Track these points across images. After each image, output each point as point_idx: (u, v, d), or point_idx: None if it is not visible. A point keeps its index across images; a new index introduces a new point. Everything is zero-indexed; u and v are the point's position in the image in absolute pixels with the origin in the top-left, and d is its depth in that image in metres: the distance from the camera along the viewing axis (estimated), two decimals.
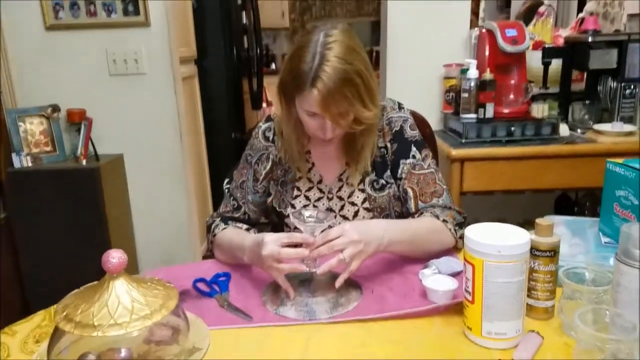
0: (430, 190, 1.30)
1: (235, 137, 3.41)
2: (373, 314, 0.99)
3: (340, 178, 1.34)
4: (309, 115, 1.17)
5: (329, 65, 1.09)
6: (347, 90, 1.10)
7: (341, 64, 1.09)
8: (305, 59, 1.11)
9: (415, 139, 1.33)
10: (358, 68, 1.12)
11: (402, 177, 1.31)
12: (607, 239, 1.16)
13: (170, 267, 1.24)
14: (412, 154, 1.31)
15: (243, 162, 1.39)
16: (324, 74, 1.09)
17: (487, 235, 0.86)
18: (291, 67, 1.14)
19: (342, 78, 1.09)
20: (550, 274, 0.94)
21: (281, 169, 1.35)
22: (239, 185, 1.37)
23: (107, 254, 0.64)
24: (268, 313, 1.01)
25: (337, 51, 1.10)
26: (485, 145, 2.11)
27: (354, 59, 1.12)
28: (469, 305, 0.89)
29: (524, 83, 2.19)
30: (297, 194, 1.33)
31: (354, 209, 1.32)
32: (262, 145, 1.36)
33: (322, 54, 1.10)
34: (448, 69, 2.42)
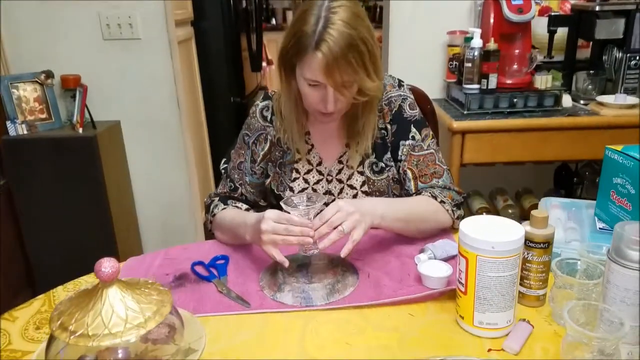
0: (429, 172, 1.30)
1: (234, 100, 3.38)
2: (369, 300, 1.01)
3: (340, 160, 1.32)
4: (311, 85, 1.13)
5: (334, 29, 1.06)
6: (351, 57, 1.07)
7: (347, 28, 1.06)
8: (309, 21, 1.08)
9: (415, 119, 1.31)
10: (363, 35, 1.08)
11: (402, 159, 1.30)
12: (603, 224, 1.17)
13: (169, 249, 1.24)
14: (412, 134, 1.30)
15: (240, 142, 1.36)
16: (330, 37, 1.06)
17: (481, 230, 0.86)
18: (294, 32, 1.11)
19: (347, 43, 1.06)
20: (544, 264, 0.95)
21: (279, 150, 1.33)
22: (237, 166, 1.36)
23: (99, 263, 0.64)
24: (266, 299, 1.03)
25: (343, 15, 1.07)
26: (486, 117, 2.09)
27: (359, 24, 1.09)
28: (462, 295, 0.91)
29: (528, 53, 2.15)
30: (295, 176, 1.32)
31: (353, 192, 1.32)
32: (259, 125, 1.33)
33: (327, 17, 1.07)
34: (452, 37, 2.37)
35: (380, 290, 1.04)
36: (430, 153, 1.31)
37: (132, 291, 0.67)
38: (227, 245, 1.26)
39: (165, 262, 1.19)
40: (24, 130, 2.31)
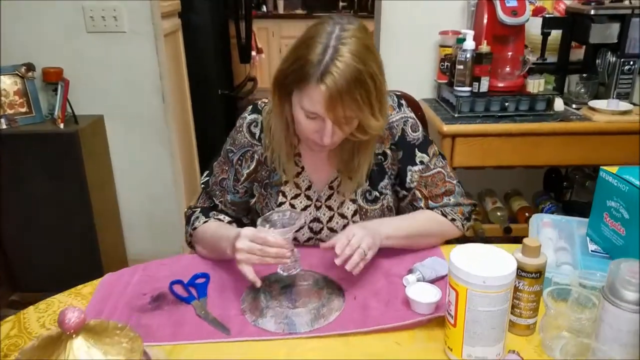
0: (440, 192, 1.25)
1: (222, 93, 3.31)
2: (354, 326, 0.97)
3: (330, 185, 1.24)
4: (308, 115, 1.04)
5: (343, 62, 0.97)
6: (357, 93, 0.99)
7: (356, 62, 0.97)
8: (316, 50, 0.98)
9: (419, 141, 1.24)
10: (373, 71, 1.00)
11: (411, 187, 1.25)
12: (595, 246, 1.14)
13: (148, 264, 1.20)
14: (419, 159, 1.24)
15: (224, 157, 1.27)
16: (336, 70, 0.96)
17: (472, 262, 0.83)
18: (296, 57, 1.01)
19: (355, 78, 0.97)
20: (535, 294, 0.92)
21: (266, 170, 1.23)
22: (219, 183, 1.27)
23: (63, 313, 0.59)
24: (247, 325, 0.99)
25: (353, 48, 0.98)
26: (477, 121, 2.05)
27: (369, 59, 1.00)
28: (451, 327, 0.87)
29: (521, 55, 2.11)
30: (282, 200, 1.23)
31: (343, 221, 1.24)
32: (246, 140, 1.23)
33: (335, 47, 0.97)
34: (444, 37, 2.32)
35: (366, 314, 1.01)
36: (438, 172, 1.25)
37: (100, 340, 0.62)
38: (208, 261, 1.21)
39: (143, 279, 1.14)
40: (3, 125, 2.24)
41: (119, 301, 1.06)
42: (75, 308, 0.60)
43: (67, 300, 1.08)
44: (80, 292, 1.10)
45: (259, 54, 5.65)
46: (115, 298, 1.07)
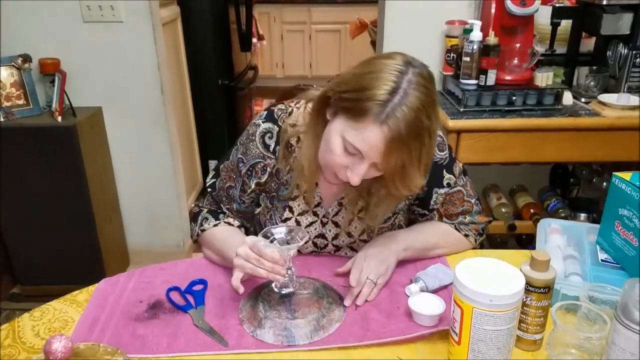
0: (457, 211, 1.22)
1: (222, 83, 3.26)
2: (354, 338, 0.95)
3: (340, 202, 1.17)
4: (347, 149, 0.95)
5: (410, 108, 0.89)
6: (413, 145, 0.92)
7: (422, 114, 0.91)
8: (384, 87, 0.90)
9: (447, 161, 1.17)
10: (433, 128, 0.94)
11: (434, 208, 1.21)
12: (605, 255, 1.10)
13: (144, 269, 1.17)
14: (446, 181, 1.18)
15: (233, 164, 1.18)
16: (402, 115, 0.89)
17: (478, 279, 0.79)
18: (359, 86, 0.92)
19: (417, 128, 0.91)
20: (542, 309, 0.89)
21: (276, 183, 1.16)
22: (225, 190, 1.19)
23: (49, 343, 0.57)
24: (245, 336, 0.96)
25: (423, 98, 0.91)
26: (483, 115, 2.00)
27: (432, 114, 0.93)
28: (455, 344, 0.84)
29: (529, 47, 2.06)
30: (287, 215, 1.16)
31: (350, 240, 1.20)
32: (258, 152, 1.13)
33: (406, 92, 0.90)
34: (450, 27, 2.26)
35: (367, 325, 0.98)
36: (458, 191, 1.20)
37: None
38: (206, 267, 1.18)
39: (139, 285, 1.11)
40: (1, 118, 2.20)
41: (114, 309, 1.04)
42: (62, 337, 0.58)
43: (62, 307, 1.05)
44: (76, 299, 1.08)
45: (260, 41, 5.57)
46: (111, 305, 1.05)
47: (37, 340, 0.96)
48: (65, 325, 0.99)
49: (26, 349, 0.93)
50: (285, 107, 1.14)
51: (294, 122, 1.11)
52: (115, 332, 0.97)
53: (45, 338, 0.96)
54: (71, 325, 0.99)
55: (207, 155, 3.34)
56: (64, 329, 0.98)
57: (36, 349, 0.93)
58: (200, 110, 3.22)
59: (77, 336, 0.95)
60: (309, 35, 5.73)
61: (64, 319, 1.02)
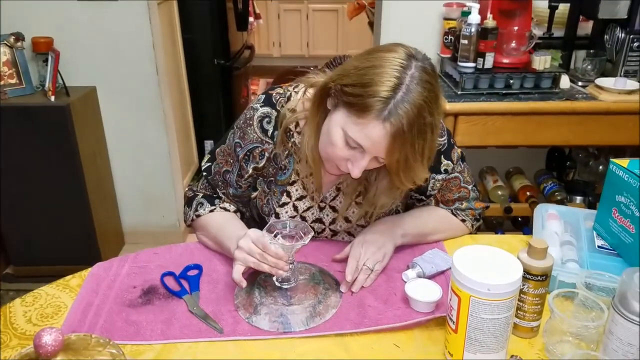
0: (453, 197, 1.22)
1: (218, 63, 3.22)
2: (351, 325, 0.94)
3: (338, 187, 1.16)
4: (348, 142, 0.94)
5: (414, 104, 0.88)
6: (416, 141, 0.91)
7: (425, 111, 0.90)
8: (387, 83, 0.88)
9: (445, 147, 1.15)
10: (436, 122, 0.93)
11: (431, 194, 1.21)
12: (602, 241, 1.10)
13: (138, 253, 1.16)
14: (444, 167, 1.16)
15: (230, 148, 1.14)
16: (404, 112, 0.88)
17: (476, 267, 0.79)
18: (362, 81, 0.90)
19: (419, 124, 0.90)
20: (540, 296, 0.89)
21: (273, 167, 1.14)
22: (222, 173, 1.17)
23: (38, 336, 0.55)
24: (240, 322, 0.95)
25: (426, 94, 0.90)
26: (481, 98, 1.99)
27: (435, 110, 0.92)
28: (452, 332, 0.84)
29: (527, 31, 2.03)
30: (285, 200, 1.15)
31: (347, 225, 1.19)
32: (256, 136, 1.11)
33: (409, 88, 0.89)
34: (448, 9, 2.23)
35: (364, 312, 0.97)
36: (454, 177, 1.19)
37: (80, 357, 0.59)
38: (201, 251, 1.17)
39: (133, 270, 1.10)
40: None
41: (108, 294, 1.03)
42: (52, 329, 0.56)
43: (55, 292, 1.04)
44: (69, 284, 1.06)
45: (257, 20, 5.50)
46: (104, 291, 1.04)
47: (29, 326, 0.95)
48: (57, 311, 0.99)
49: (18, 335, 0.93)
50: (283, 92, 1.12)
51: (293, 107, 1.09)
52: (109, 318, 0.96)
53: (37, 324, 0.96)
54: (64, 311, 0.98)
55: (202, 135, 3.32)
56: (57, 315, 0.98)
57: (28, 335, 0.92)
58: (195, 90, 3.19)
59: (70, 322, 0.95)
60: (306, 15, 5.66)
61: (57, 304, 1.01)
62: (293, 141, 1.11)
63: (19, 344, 0.91)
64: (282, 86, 1.14)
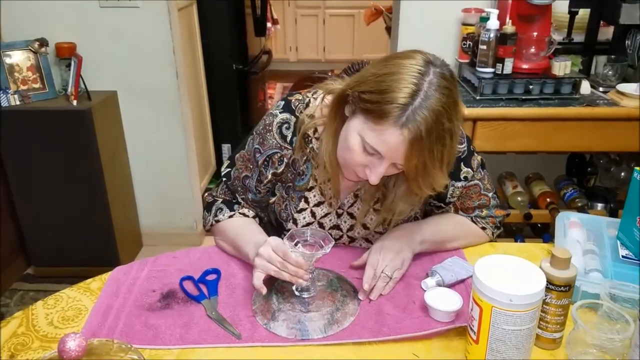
0: (473, 205, 1.20)
1: (236, 68, 3.24)
2: (369, 333, 0.94)
3: (356, 193, 1.15)
4: (366, 149, 0.94)
5: (432, 111, 0.88)
6: (434, 147, 0.91)
7: (443, 116, 0.89)
8: (404, 89, 0.88)
9: (465, 155, 1.14)
10: (455, 129, 0.93)
11: (451, 202, 1.19)
12: (626, 251, 1.08)
13: (158, 257, 1.16)
14: (464, 174, 1.15)
15: (249, 153, 1.16)
16: (423, 119, 0.88)
17: (498, 277, 0.78)
18: (379, 88, 0.91)
19: (438, 130, 0.89)
20: (563, 307, 0.87)
21: (292, 173, 1.14)
22: (241, 180, 1.18)
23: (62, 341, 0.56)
24: (258, 328, 0.95)
25: (444, 100, 0.89)
26: (500, 104, 1.97)
27: (454, 117, 0.92)
28: (473, 343, 0.83)
29: (547, 36, 2.01)
30: (303, 206, 1.15)
31: (365, 232, 1.18)
32: (275, 142, 1.11)
33: (427, 94, 0.88)
34: (467, 15, 2.22)
35: (382, 320, 0.97)
36: (474, 185, 1.17)
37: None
38: (220, 255, 1.17)
39: (152, 274, 1.11)
40: (16, 101, 2.21)
41: (127, 298, 1.03)
42: (76, 335, 0.57)
43: (76, 295, 1.05)
44: (89, 287, 1.07)
45: (274, 25, 5.52)
46: (124, 294, 1.05)
47: (51, 329, 0.96)
48: (78, 314, 0.99)
49: (39, 338, 0.94)
50: (302, 98, 1.12)
51: (312, 114, 1.10)
52: (128, 321, 0.97)
53: (58, 327, 0.97)
54: (84, 314, 0.99)
55: (219, 139, 3.34)
56: (78, 318, 0.99)
57: (49, 337, 0.93)
58: (213, 94, 3.21)
59: (90, 325, 0.95)
60: (322, 20, 5.68)
61: (78, 307, 1.02)
62: (311, 147, 1.11)
63: (40, 346, 0.92)
64: (301, 92, 1.15)
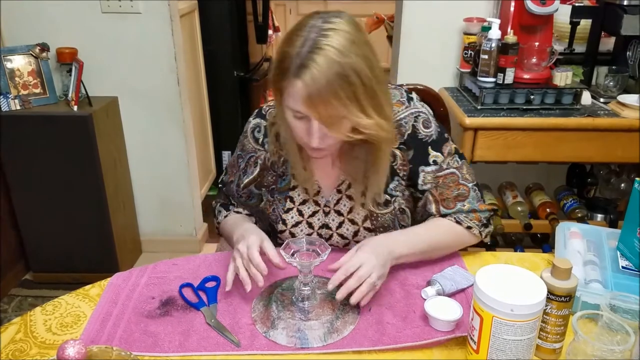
0: (452, 195, 1.16)
1: (238, 75, 3.25)
2: (369, 342, 0.93)
3: (338, 189, 1.18)
4: (295, 115, 0.99)
5: (321, 55, 0.91)
6: (340, 89, 0.92)
7: (337, 55, 0.91)
8: (295, 42, 0.94)
9: (432, 139, 1.15)
10: (357, 65, 0.93)
11: (425, 189, 1.17)
12: (626, 262, 1.08)
13: (157, 264, 1.16)
14: (433, 158, 1.15)
15: (234, 160, 1.26)
16: (314, 65, 0.91)
17: (499, 287, 0.78)
18: (278, 52, 0.98)
19: (335, 72, 0.91)
20: (563, 318, 0.87)
21: (272, 175, 1.20)
22: (229, 184, 1.28)
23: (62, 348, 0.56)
24: (257, 336, 0.95)
25: (335, 41, 0.92)
26: (501, 113, 1.98)
27: (354, 52, 0.93)
28: (473, 353, 0.83)
29: (548, 47, 2.02)
30: (289, 206, 1.19)
31: (354, 228, 1.19)
32: (251, 146, 1.21)
33: (314, 40, 0.92)
34: (468, 24, 2.22)
35: (382, 329, 0.96)
36: (451, 173, 1.15)
37: None
38: (219, 263, 1.17)
39: (152, 280, 1.10)
40: (17, 106, 2.21)
41: (127, 305, 1.03)
42: (75, 342, 0.57)
43: (75, 301, 1.05)
44: (88, 294, 1.07)
45: (276, 32, 5.54)
46: (123, 301, 1.04)
47: (49, 335, 0.95)
48: (77, 320, 0.99)
49: (38, 344, 0.93)
50: (273, 104, 1.17)
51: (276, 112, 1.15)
52: (127, 328, 0.96)
53: (57, 333, 0.96)
54: (83, 320, 0.99)
55: (220, 146, 3.34)
56: (76, 324, 0.98)
57: (47, 344, 0.93)
58: (214, 100, 3.21)
59: (89, 332, 0.95)
60: None
61: (76, 313, 1.01)
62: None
63: (38, 352, 0.91)
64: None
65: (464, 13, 2.25)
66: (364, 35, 0.98)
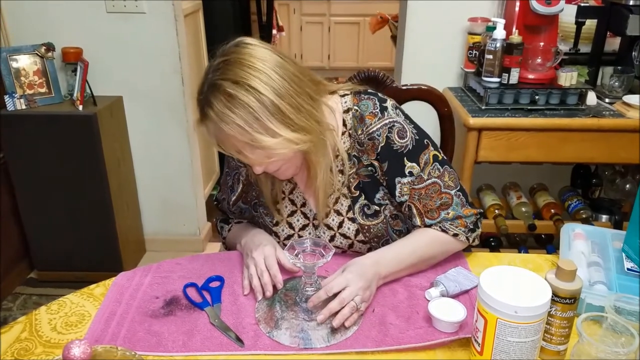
0: (435, 205, 1.12)
1: None
2: (372, 343, 0.93)
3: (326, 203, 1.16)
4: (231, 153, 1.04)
5: (215, 91, 0.94)
6: (240, 117, 0.93)
7: (226, 87, 0.93)
8: (200, 87, 0.99)
9: (408, 149, 1.11)
10: (251, 84, 0.92)
11: (403, 201, 1.13)
12: (631, 263, 1.07)
13: (161, 263, 1.16)
14: (408, 169, 1.12)
15: (224, 178, 1.29)
16: (208, 107, 0.95)
17: (503, 288, 0.77)
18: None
19: (224, 106, 0.93)
20: (568, 320, 0.87)
21: (255, 190, 1.21)
22: (223, 202, 1.32)
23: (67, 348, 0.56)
24: (261, 336, 0.95)
25: (225, 72, 0.94)
26: (505, 114, 1.97)
27: (244, 75, 0.93)
28: (477, 355, 0.83)
29: (553, 47, 2.01)
30: (278, 218, 1.19)
31: (348, 242, 1.17)
32: (234, 163, 1.22)
33: (211, 81, 0.95)
34: (473, 24, 2.22)
35: (386, 330, 0.96)
36: (432, 183, 1.12)
37: None
38: (223, 263, 1.18)
39: (156, 280, 1.11)
40: (22, 105, 2.22)
41: (131, 304, 1.03)
42: (81, 342, 0.57)
43: (79, 300, 1.05)
44: (93, 293, 1.07)
45: (280, 32, 5.54)
46: (127, 300, 1.04)
47: (54, 334, 0.96)
48: (82, 320, 0.99)
49: (43, 343, 0.94)
50: None
51: None
52: (131, 328, 0.97)
53: (62, 332, 0.97)
54: (88, 320, 0.99)
55: None
56: (81, 323, 0.98)
57: (52, 343, 0.93)
58: None
59: (93, 331, 0.95)
60: (328, 27, 5.69)
61: (81, 312, 1.02)
62: None
63: (43, 351, 0.92)
64: None
65: (469, 13, 2.25)
66: (259, 51, 0.97)
